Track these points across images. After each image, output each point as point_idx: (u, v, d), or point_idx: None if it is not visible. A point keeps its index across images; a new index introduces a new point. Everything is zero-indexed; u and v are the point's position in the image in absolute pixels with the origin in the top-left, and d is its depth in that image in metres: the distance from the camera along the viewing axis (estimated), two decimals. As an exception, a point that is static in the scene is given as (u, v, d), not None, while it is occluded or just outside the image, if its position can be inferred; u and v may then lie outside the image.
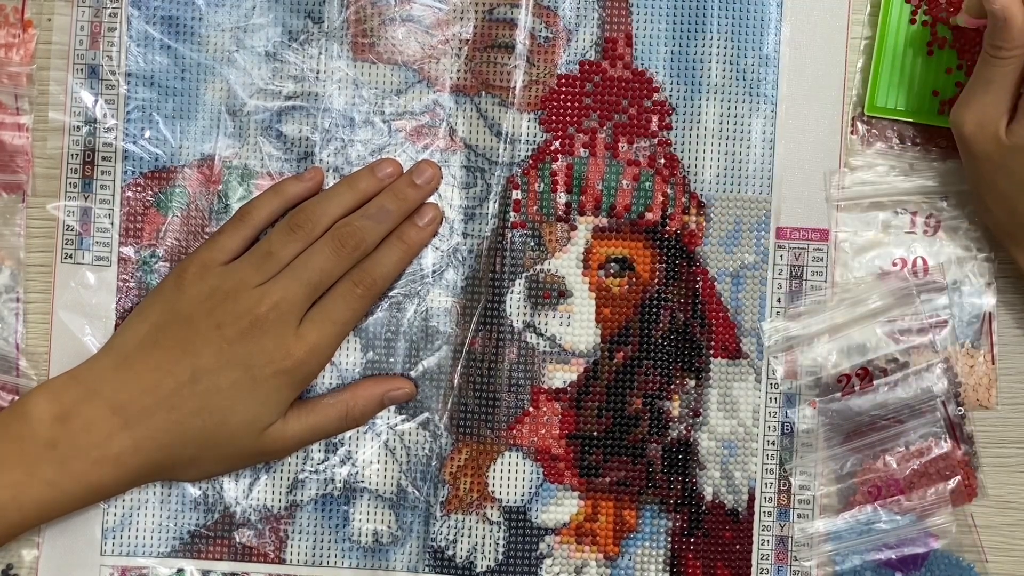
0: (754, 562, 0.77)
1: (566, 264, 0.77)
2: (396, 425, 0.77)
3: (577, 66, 0.77)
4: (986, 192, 0.71)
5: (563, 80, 0.77)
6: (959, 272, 0.78)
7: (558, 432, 0.77)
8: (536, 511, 0.77)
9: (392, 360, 0.77)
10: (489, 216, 0.77)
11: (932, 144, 0.78)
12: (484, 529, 0.77)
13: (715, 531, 0.77)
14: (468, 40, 0.77)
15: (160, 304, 0.73)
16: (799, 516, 0.77)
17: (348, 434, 0.77)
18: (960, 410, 0.77)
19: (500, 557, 0.77)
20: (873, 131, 0.78)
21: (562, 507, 0.77)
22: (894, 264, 0.78)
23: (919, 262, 0.78)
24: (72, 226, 0.77)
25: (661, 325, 0.77)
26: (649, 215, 0.77)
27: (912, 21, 0.77)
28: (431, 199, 0.77)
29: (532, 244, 0.77)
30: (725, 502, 0.78)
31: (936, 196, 0.78)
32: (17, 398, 0.75)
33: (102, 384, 0.71)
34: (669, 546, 0.77)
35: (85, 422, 0.70)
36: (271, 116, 0.77)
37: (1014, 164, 0.68)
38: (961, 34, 0.77)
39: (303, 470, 0.77)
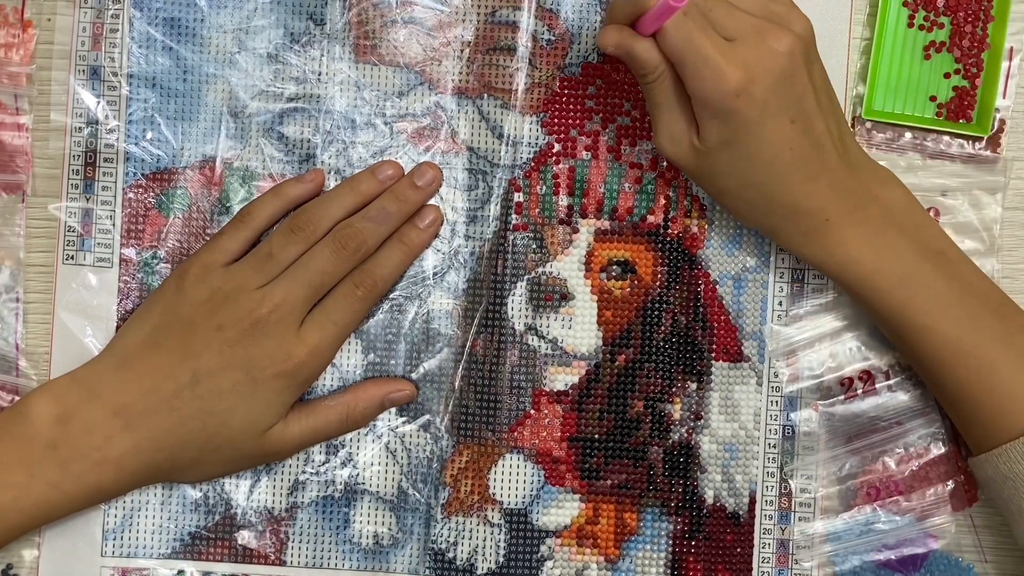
0: (755, 565, 0.77)
1: (568, 267, 0.77)
2: (397, 427, 0.77)
3: (579, 69, 0.77)
4: (725, 200, 0.72)
5: (565, 83, 0.77)
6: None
7: (559, 434, 0.77)
8: (537, 513, 0.77)
9: (393, 362, 0.77)
10: (491, 218, 0.77)
11: (932, 144, 0.78)
12: (485, 531, 0.77)
13: (716, 534, 0.77)
14: (470, 42, 0.77)
15: (161, 306, 0.73)
16: (800, 519, 0.78)
17: (349, 436, 0.77)
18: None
19: (501, 559, 0.77)
20: (874, 130, 0.78)
21: (563, 510, 0.77)
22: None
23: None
24: (74, 227, 0.77)
25: (663, 328, 0.77)
26: (651, 218, 0.77)
27: (910, 25, 0.77)
28: (432, 201, 0.77)
29: (534, 247, 0.77)
30: (726, 505, 0.78)
31: (936, 194, 0.78)
32: (17, 398, 0.75)
33: (103, 386, 0.71)
34: (670, 549, 0.77)
35: (86, 423, 0.70)
36: (273, 118, 0.77)
37: (721, 163, 0.69)
38: (959, 38, 0.77)
39: (304, 472, 0.77)
